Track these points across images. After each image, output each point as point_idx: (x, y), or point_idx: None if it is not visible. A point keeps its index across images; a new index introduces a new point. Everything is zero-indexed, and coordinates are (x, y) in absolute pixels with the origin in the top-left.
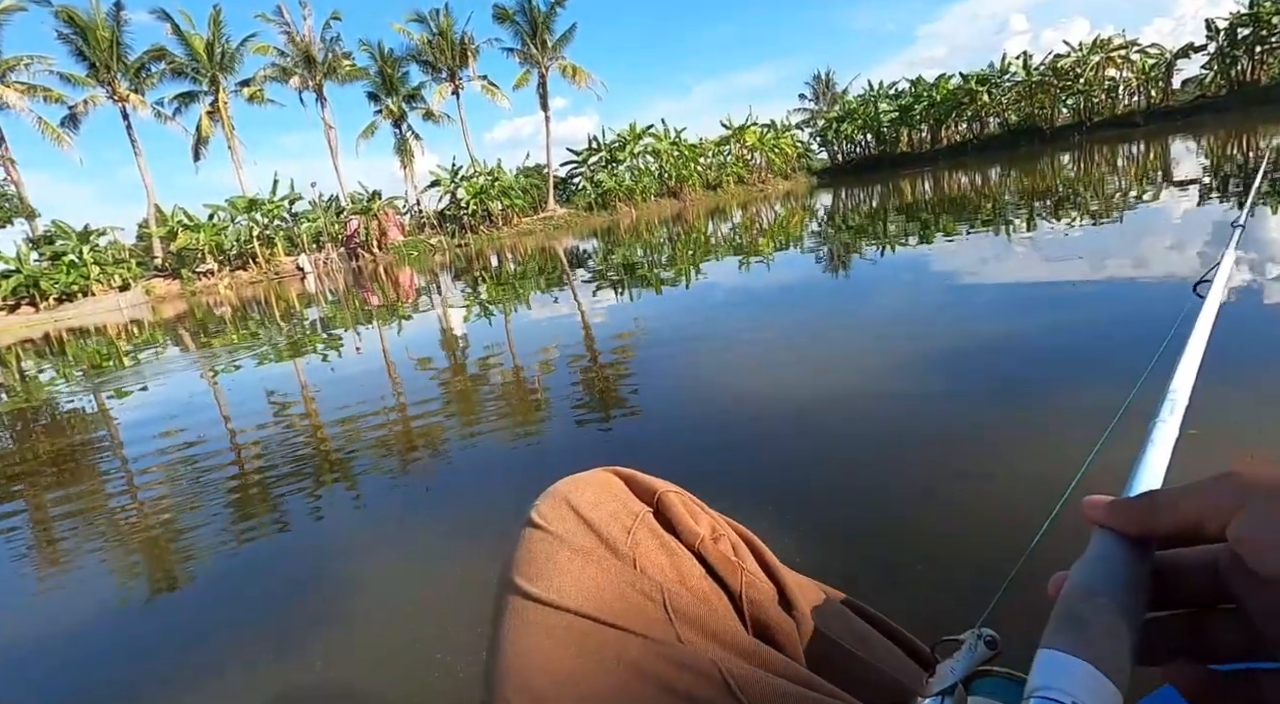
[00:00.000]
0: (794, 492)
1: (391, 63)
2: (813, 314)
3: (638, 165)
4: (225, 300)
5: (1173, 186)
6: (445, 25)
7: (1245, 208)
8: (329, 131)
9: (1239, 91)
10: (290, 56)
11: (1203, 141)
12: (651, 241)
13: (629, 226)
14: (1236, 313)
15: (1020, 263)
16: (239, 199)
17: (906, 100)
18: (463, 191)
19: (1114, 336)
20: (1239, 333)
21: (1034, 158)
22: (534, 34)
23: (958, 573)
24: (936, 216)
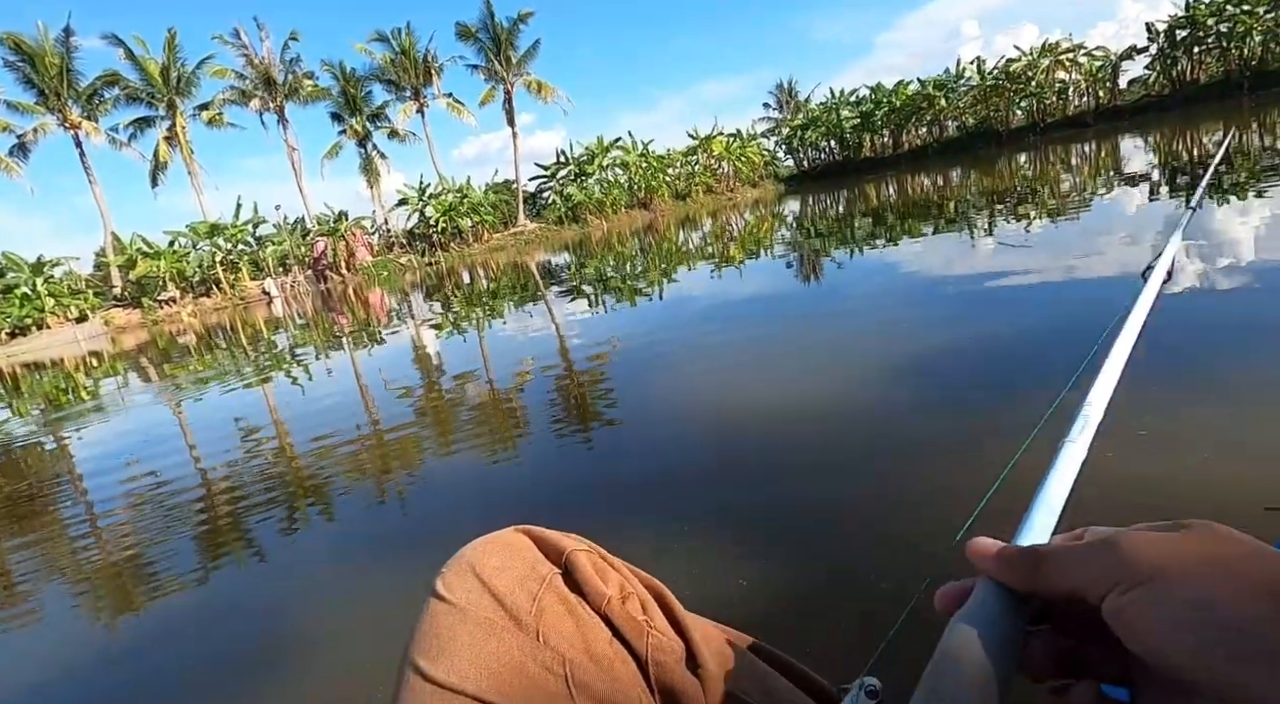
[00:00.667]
0: (740, 502)
1: (354, 82)
2: (782, 325)
3: (607, 178)
4: (189, 328)
5: (1125, 183)
6: (408, 44)
7: (1180, 225)
8: (292, 153)
9: (1180, 90)
10: (249, 79)
11: (1149, 139)
12: (624, 253)
13: (601, 239)
14: (1182, 305)
15: (978, 262)
16: (200, 224)
17: (867, 107)
18: (431, 209)
19: (1064, 337)
20: (1186, 323)
21: (992, 160)
22: (498, 51)
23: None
24: (902, 219)
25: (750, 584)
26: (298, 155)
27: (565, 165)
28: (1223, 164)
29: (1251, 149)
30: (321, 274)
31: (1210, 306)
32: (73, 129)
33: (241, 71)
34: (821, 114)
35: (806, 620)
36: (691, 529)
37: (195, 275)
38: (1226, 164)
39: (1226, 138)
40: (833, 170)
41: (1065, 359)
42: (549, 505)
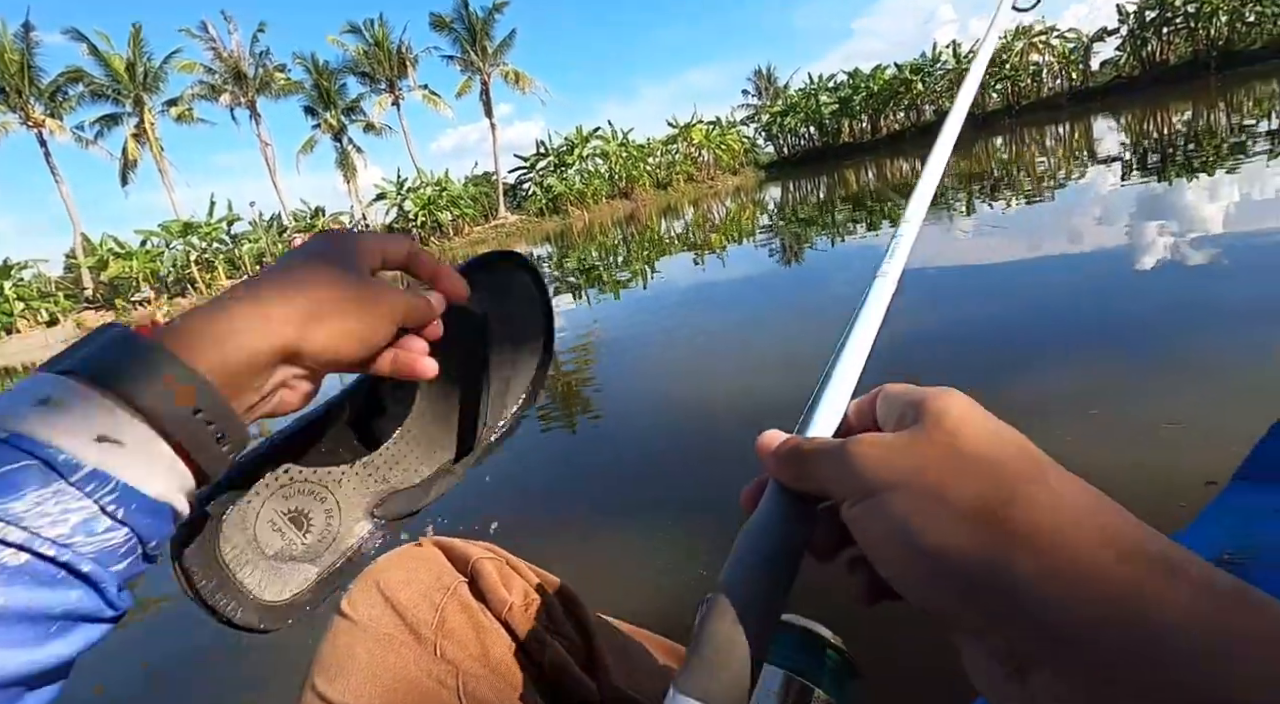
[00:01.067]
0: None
1: (327, 75)
2: (760, 311)
3: (587, 168)
4: None
5: (1099, 164)
6: (381, 35)
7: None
8: (266, 148)
9: (1150, 71)
10: (219, 73)
11: (1121, 120)
12: (606, 243)
13: (582, 230)
14: (1141, 283)
15: (956, 247)
16: (173, 223)
17: (845, 92)
18: (410, 203)
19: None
20: (1147, 304)
21: (969, 143)
22: (474, 41)
23: None
24: (882, 204)
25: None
26: (271, 150)
27: (545, 156)
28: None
29: (1218, 127)
30: None
31: (1172, 284)
32: (36, 127)
33: (210, 65)
34: (800, 100)
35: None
36: (668, 516)
37: (170, 275)
38: (1195, 143)
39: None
40: (812, 156)
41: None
42: (540, 493)
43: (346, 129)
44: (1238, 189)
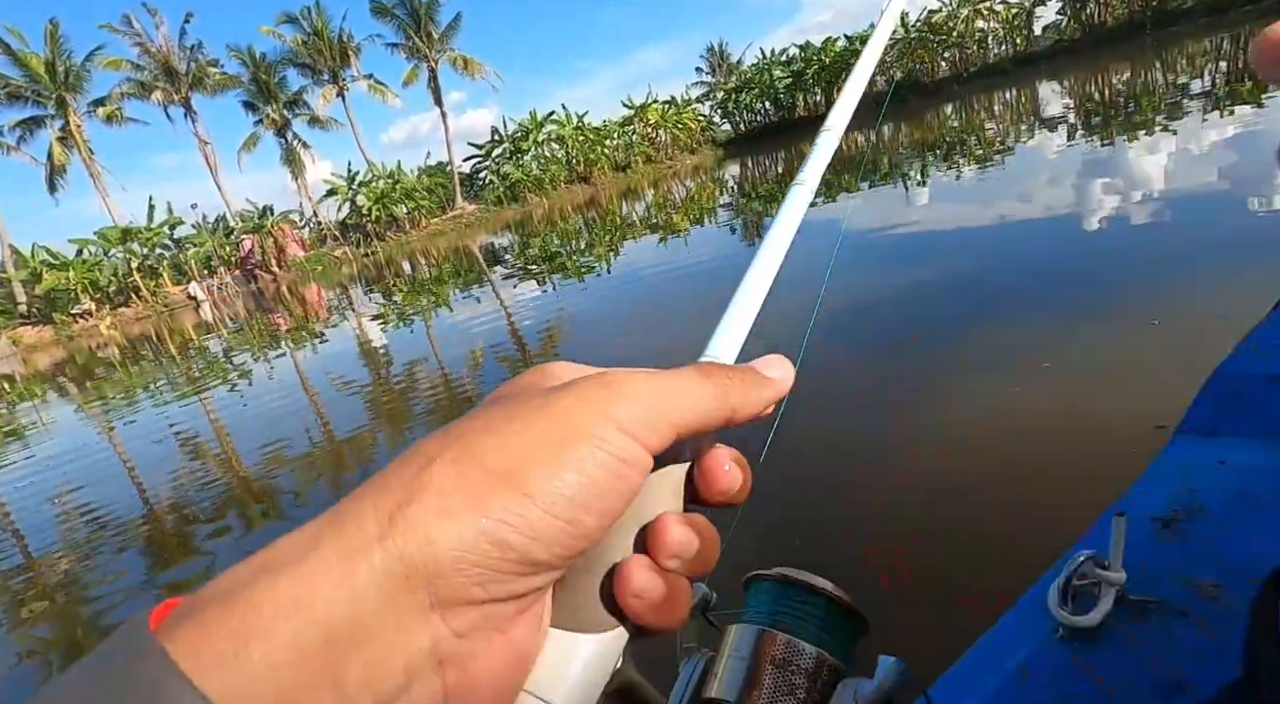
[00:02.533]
0: None
1: (265, 68)
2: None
3: (544, 154)
4: (110, 341)
5: (1045, 127)
6: (320, 24)
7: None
8: (205, 147)
9: (1090, 34)
10: (148, 69)
11: (1064, 83)
12: (567, 230)
13: (543, 217)
14: (1093, 239)
15: (914, 213)
16: (110, 230)
17: (798, 66)
18: (363, 198)
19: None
20: (1097, 257)
21: (921, 112)
22: (418, 27)
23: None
24: (839, 175)
25: None
26: (211, 149)
27: (500, 143)
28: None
29: (1155, 87)
30: (251, 274)
31: (1117, 240)
32: None
33: (138, 61)
34: (754, 75)
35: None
36: None
37: (111, 285)
38: (1134, 103)
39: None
40: (769, 131)
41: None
42: None
43: (290, 123)
44: (1175, 145)
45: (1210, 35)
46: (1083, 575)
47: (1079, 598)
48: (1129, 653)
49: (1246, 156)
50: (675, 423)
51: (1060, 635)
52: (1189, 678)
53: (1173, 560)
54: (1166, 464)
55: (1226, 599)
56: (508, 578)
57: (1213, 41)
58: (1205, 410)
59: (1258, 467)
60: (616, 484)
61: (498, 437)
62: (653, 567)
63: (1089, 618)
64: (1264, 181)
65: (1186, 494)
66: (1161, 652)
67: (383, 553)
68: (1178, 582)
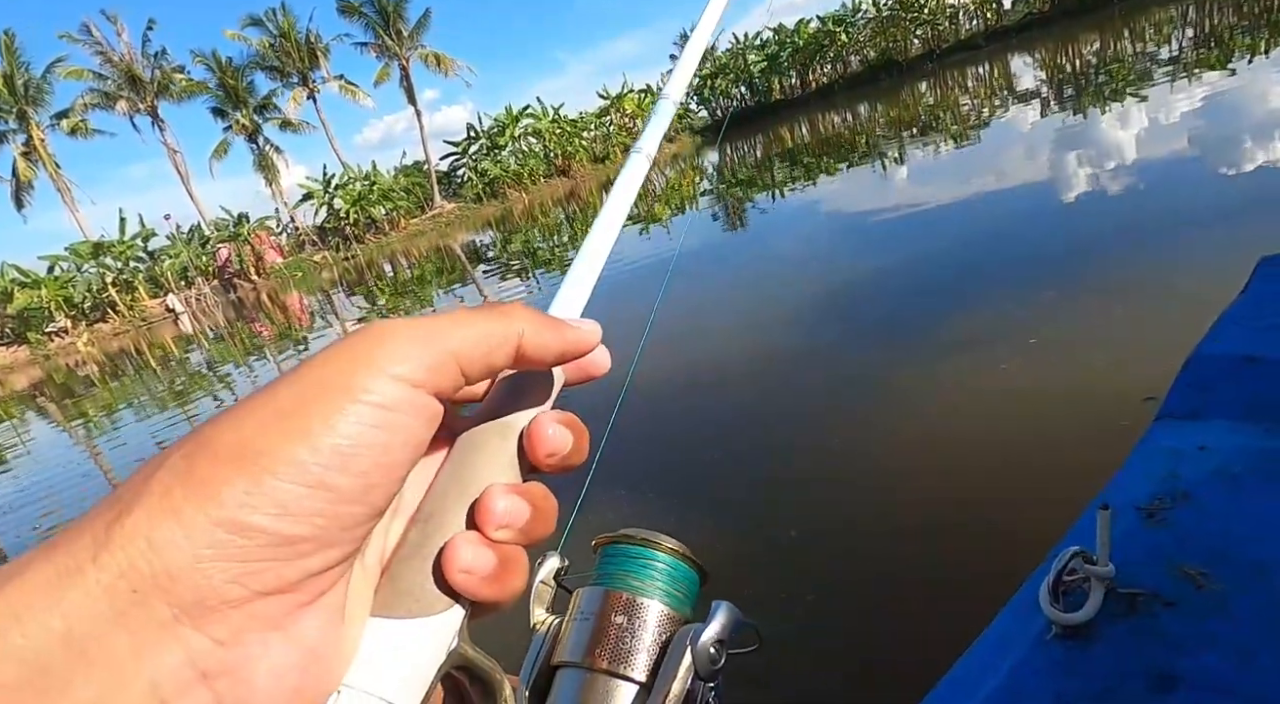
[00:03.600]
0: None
1: (233, 73)
2: (707, 277)
3: (521, 148)
4: (88, 358)
5: (1019, 101)
6: (286, 26)
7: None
8: (175, 156)
9: (1059, 4)
10: (111, 78)
11: (1036, 55)
12: (549, 224)
13: (523, 212)
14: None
15: (896, 193)
16: (81, 245)
17: (772, 49)
18: (340, 201)
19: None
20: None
21: (895, 90)
22: (387, 24)
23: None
24: (819, 159)
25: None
26: (181, 158)
27: (476, 139)
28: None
29: (1124, 55)
30: (229, 283)
31: (1096, 213)
32: None
33: (100, 71)
34: (729, 60)
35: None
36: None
37: (85, 301)
38: (1105, 73)
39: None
40: (746, 116)
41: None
42: None
43: (261, 128)
44: (1146, 115)
45: (1175, 3)
46: (1072, 571)
47: (1069, 594)
48: (1121, 648)
49: (1218, 122)
50: (455, 352)
51: (1053, 634)
52: (1181, 671)
53: (1160, 550)
54: (1148, 451)
55: (1214, 586)
56: (267, 565)
57: (1179, 9)
58: (1184, 394)
59: (1238, 448)
60: (386, 436)
61: (234, 418)
62: (481, 540)
63: (1080, 615)
64: (1236, 146)
65: (1169, 481)
66: (1153, 645)
67: (98, 571)
68: (1166, 571)
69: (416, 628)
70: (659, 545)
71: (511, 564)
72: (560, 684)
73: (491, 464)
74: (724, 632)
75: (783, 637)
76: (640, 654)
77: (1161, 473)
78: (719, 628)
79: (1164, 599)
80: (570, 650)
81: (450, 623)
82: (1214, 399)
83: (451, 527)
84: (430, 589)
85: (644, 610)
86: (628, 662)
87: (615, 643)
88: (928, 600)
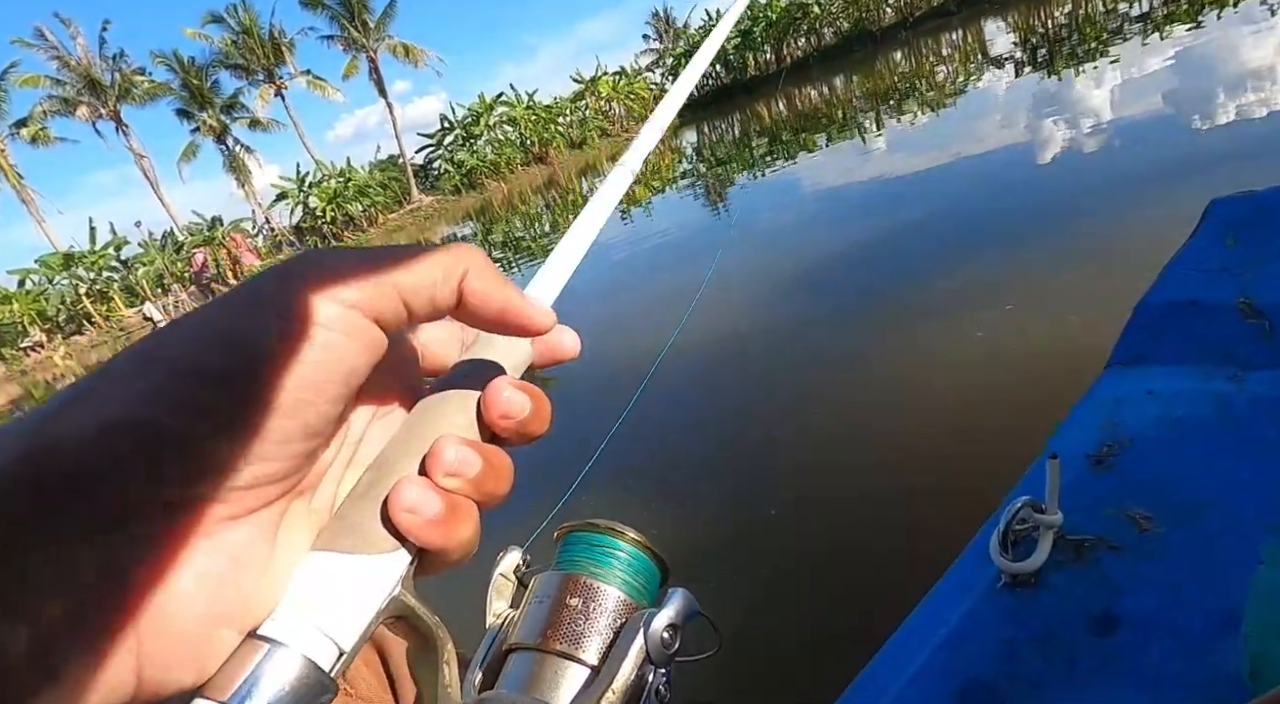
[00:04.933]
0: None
1: (196, 72)
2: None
3: (497, 137)
4: (68, 372)
5: (993, 66)
6: (248, 21)
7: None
8: (141, 161)
9: None
10: (69, 83)
11: (1009, 18)
12: (529, 213)
13: (503, 202)
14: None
15: (873, 163)
16: (51, 257)
17: (745, 24)
18: (315, 199)
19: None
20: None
21: (870, 61)
22: (352, 16)
23: None
24: (796, 134)
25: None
26: (149, 163)
27: (451, 130)
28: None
29: (1097, 14)
30: (207, 288)
31: (1071, 175)
32: None
33: (58, 76)
34: (702, 38)
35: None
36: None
37: (60, 313)
38: (1077, 33)
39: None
40: (723, 95)
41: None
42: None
43: (229, 129)
44: (1120, 73)
45: None
46: (1022, 520)
47: (1019, 544)
48: (1066, 594)
49: (1188, 77)
50: (397, 280)
51: (1002, 583)
52: (1120, 612)
53: (1106, 495)
54: (1097, 399)
55: (1156, 530)
56: (189, 473)
57: None
58: (1131, 341)
59: (1180, 392)
60: (317, 353)
61: (173, 334)
62: (430, 484)
63: (1029, 563)
64: (1207, 100)
65: (1116, 428)
66: (1097, 589)
67: (9, 461)
68: (1111, 517)
69: (357, 563)
70: (622, 535)
71: (459, 512)
72: (511, 665)
73: (448, 421)
74: (679, 617)
75: (752, 596)
76: (594, 637)
77: (1109, 420)
78: (674, 613)
79: (1109, 543)
80: (523, 633)
81: (394, 566)
82: (1159, 345)
83: (402, 472)
84: (375, 528)
85: (601, 595)
86: (580, 644)
87: (569, 625)
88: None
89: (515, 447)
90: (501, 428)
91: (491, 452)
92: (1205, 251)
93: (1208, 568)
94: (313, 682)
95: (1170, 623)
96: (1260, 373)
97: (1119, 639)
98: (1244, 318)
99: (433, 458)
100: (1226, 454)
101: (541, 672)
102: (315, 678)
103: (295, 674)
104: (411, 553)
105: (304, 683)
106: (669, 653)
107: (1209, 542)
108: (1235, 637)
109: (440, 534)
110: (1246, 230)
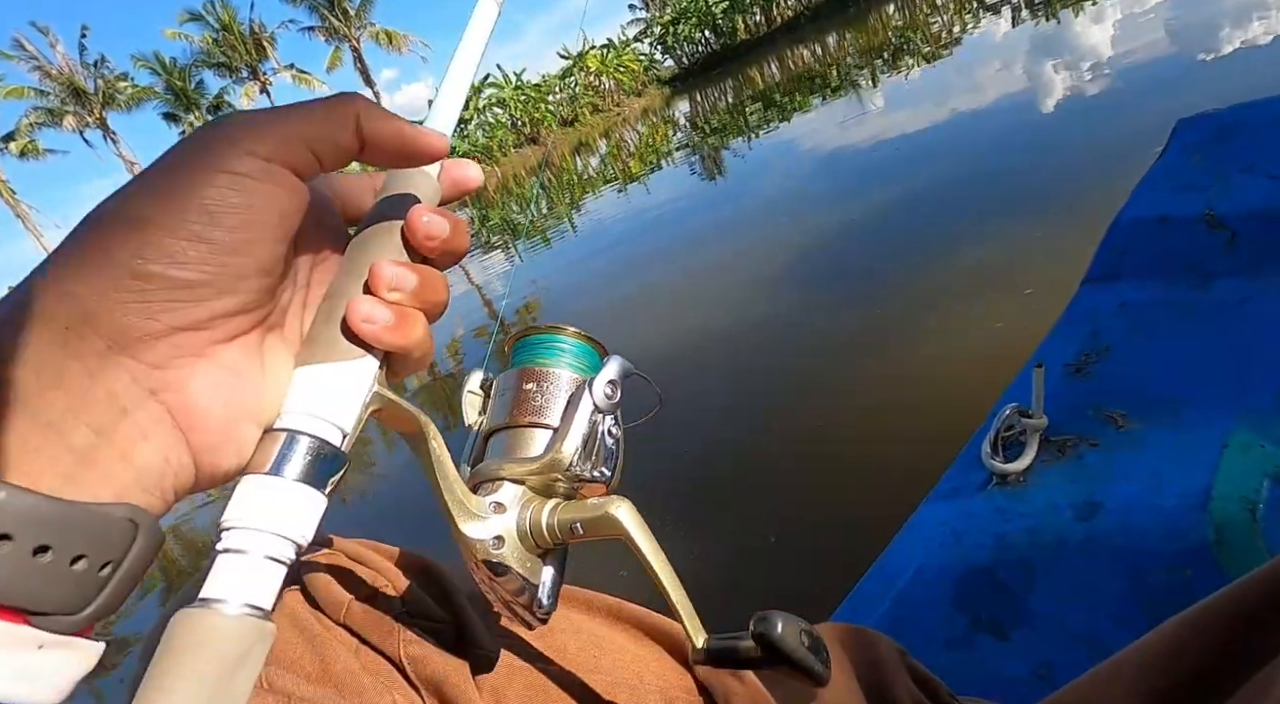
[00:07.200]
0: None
1: (179, 74)
2: (684, 233)
3: (487, 120)
4: None
5: (989, 11)
6: (227, 18)
7: None
8: (132, 169)
9: None
10: (53, 93)
11: None
12: (525, 195)
13: (497, 185)
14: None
15: (873, 126)
16: None
17: None
18: None
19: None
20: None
21: (863, 16)
22: (331, 5)
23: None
24: (790, 97)
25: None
26: (140, 170)
27: None
28: None
29: None
30: None
31: (1086, 134)
32: None
33: (41, 87)
34: (689, 3)
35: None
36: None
37: None
38: None
39: None
40: (713, 62)
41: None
42: None
43: None
44: (1120, 10)
45: None
46: (1010, 426)
47: (1009, 447)
48: (1053, 489)
49: (1189, 13)
50: (299, 131)
51: (994, 483)
52: (1101, 498)
53: (1086, 400)
54: (1074, 314)
55: (1132, 426)
56: (175, 305)
57: None
58: (1105, 259)
59: (1153, 301)
60: (247, 198)
61: (116, 199)
62: (378, 300)
63: (1018, 464)
64: (1210, 35)
65: (1092, 338)
66: (1080, 482)
67: (30, 318)
68: (1091, 417)
69: (336, 368)
70: (562, 330)
71: (409, 318)
72: (491, 446)
73: (379, 249)
74: (616, 375)
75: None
76: (553, 406)
77: (1086, 332)
78: (611, 372)
79: (1089, 441)
80: (495, 419)
81: (366, 367)
82: (1131, 261)
83: (352, 295)
84: (342, 341)
85: (552, 376)
86: (542, 413)
87: (530, 402)
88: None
89: (445, 267)
90: (428, 249)
91: (423, 269)
92: (1172, 170)
93: (1179, 455)
94: (329, 453)
95: (1146, 504)
96: (1223, 281)
97: (1100, 522)
98: (1209, 230)
99: (374, 278)
100: (1194, 355)
101: (516, 441)
102: (330, 450)
103: (315, 448)
104: (378, 357)
105: (322, 453)
106: (613, 402)
107: (1180, 433)
108: (1204, 512)
109: (397, 336)
110: (1209, 147)
